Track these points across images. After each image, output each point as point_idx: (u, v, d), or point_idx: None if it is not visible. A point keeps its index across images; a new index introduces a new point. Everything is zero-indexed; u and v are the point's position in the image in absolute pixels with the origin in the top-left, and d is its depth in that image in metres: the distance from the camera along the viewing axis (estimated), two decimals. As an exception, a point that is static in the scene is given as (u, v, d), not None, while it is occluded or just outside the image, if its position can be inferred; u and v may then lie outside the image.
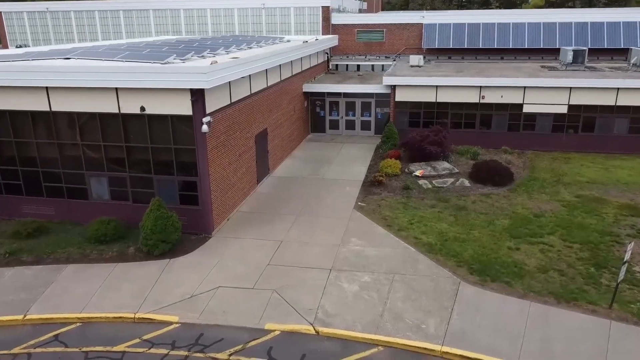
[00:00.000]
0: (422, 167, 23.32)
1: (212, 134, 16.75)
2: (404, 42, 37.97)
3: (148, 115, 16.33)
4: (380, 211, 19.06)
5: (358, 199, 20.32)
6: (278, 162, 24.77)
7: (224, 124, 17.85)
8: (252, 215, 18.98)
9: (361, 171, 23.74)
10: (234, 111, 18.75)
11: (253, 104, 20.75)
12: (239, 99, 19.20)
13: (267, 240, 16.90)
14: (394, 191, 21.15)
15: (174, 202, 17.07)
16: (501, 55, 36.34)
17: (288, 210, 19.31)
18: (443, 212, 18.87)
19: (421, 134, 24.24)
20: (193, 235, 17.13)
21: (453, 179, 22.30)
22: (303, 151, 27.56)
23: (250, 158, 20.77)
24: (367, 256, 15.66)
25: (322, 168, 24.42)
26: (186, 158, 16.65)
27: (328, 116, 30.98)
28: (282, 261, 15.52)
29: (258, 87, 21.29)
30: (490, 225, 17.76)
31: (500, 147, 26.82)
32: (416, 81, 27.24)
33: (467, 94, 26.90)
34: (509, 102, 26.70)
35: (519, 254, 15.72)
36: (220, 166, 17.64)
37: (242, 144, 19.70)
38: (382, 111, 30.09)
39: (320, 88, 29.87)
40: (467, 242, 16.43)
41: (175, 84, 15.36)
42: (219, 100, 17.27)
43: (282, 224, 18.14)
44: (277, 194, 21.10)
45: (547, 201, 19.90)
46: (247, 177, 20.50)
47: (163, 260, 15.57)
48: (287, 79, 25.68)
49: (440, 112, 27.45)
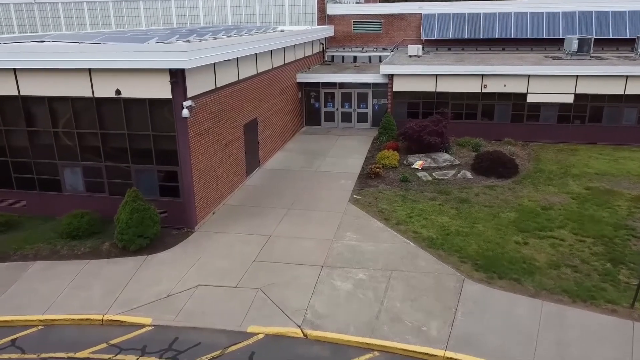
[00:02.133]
0: (422, 158, 22.05)
1: (194, 120, 15.46)
2: (402, 33, 36.72)
3: (124, 100, 15.02)
4: (377, 204, 17.78)
5: (354, 192, 19.04)
6: (269, 154, 23.48)
7: (209, 110, 16.55)
8: (240, 209, 17.69)
9: (357, 163, 22.46)
10: (220, 97, 17.45)
11: (241, 91, 19.45)
12: (226, 85, 17.90)
13: (255, 235, 15.60)
14: (391, 183, 19.87)
15: (153, 194, 15.77)
16: (502, 46, 35.08)
17: (279, 204, 18.03)
18: (444, 205, 17.60)
19: (420, 124, 22.96)
20: (174, 230, 15.83)
21: (454, 171, 21.02)
22: (296, 144, 26.27)
23: (239, 148, 19.47)
24: (363, 252, 14.37)
25: (316, 160, 23.14)
26: (166, 146, 15.34)
27: (323, 108, 29.69)
28: (270, 257, 14.23)
29: (247, 73, 19.99)
30: (495, 218, 16.49)
31: (503, 138, 25.54)
32: (415, 70, 25.96)
33: (468, 84, 25.64)
34: (512, 92, 25.43)
35: (528, 248, 14.44)
36: (204, 155, 16.34)
37: (229, 133, 18.40)
38: (379, 102, 28.81)
39: (315, 78, 28.56)
40: (471, 237, 15.15)
41: (152, 64, 14.05)
42: (202, 84, 15.96)
43: (272, 217, 16.85)
44: (267, 187, 19.81)
45: (555, 193, 18.63)
46: (235, 169, 19.20)
47: (139, 257, 14.26)
48: (279, 67, 24.38)
49: (440, 103, 26.18)
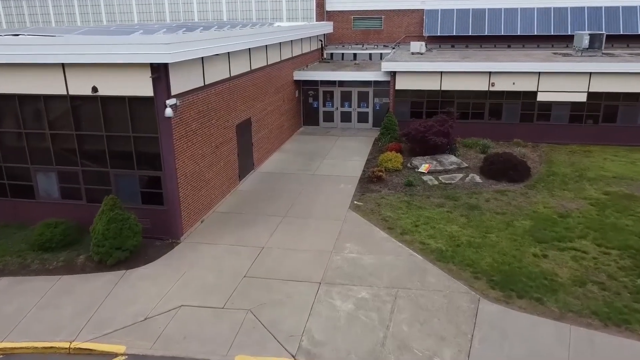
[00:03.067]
0: (427, 161, 20.66)
1: (179, 120, 14.08)
2: (403, 30, 35.36)
3: (101, 98, 13.62)
4: (379, 211, 16.41)
5: (354, 198, 17.65)
6: (265, 156, 22.09)
7: (196, 110, 15.16)
8: (231, 217, 16.30)
9: (358, 166, 21.08)
10: (209, 95, 16.06)
11: (233, 89, 18.07)
12: (216, 82, 16.51)
13: (246, 246, 14.22)
14: (395, 188, 18.49)
15: (135, 201, 14.40)
16: (508, 43, 33.72)
17: (273, 211, 16.64)
18: (453, 212, 16.22)
19: (425, 124, 21.58)
20: (158, 241, 14.45)
21: (462, 175, 19.64)
22: (294, 145, 24.89)
23: (230, 151, 18.08)
24: (365, 266, 12.99)
25: (314, 163, 21.75)
26: (148, 148, 13.95)
27: (322, 107, 28.30)
28: (262, 272, 12.85)
29: (239, 69, 18.59)
30: (509, 227, 15.12)
31: (511, 139, 24.18)
32: (419, 67, 24.58)
33: (474, 82, 24.26)
34: (521, 90, 24.06)
35: (548, 262, 13.07)
36: (191, 159, 14.95)
37: (219, 134, 17.01)
38: (380, 102, 27.43)
39: (313, 76, 27.17)
40: (484, 248, 13.78)
41: (131, 57, 12.64)
42: (188, 80, 14.58)
43: (266, 226, 15.47)
44: (261, 192, 18.43)
45: (572, 199, 17.26)
46: (227, 173, 17.81)
47: (117, 272, 12.87)
48: (275, 64, 22.99)
49: (445, 102, 24.81)
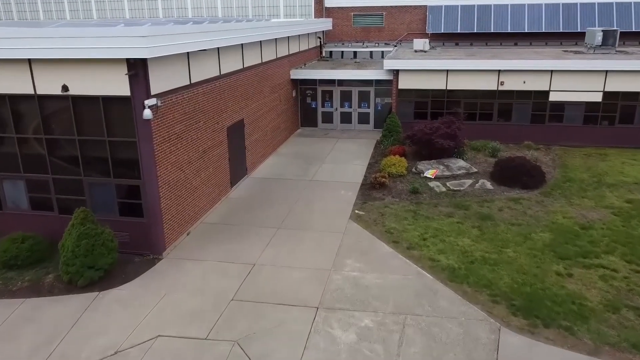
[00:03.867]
0: (433, 165, 19.22)
1: (161, 122, 12.64)
2: (405, 27, 33.89)
3: (73, 98, 12.18)
4: (383, 222, 14.97)
5: (355, 206, 16.22)
6: (259, 160, 20.65)
7: (181, 111, 13.72)
8: (221, 228, 14.85)
9: (359, 171, 19.64)
10: (196, 95, 14.62)
11: (224, 88, 16.62)
12: (204, 80, 15.07)
13: (236, 263, 12.78)
14: (399, 196, 17.06)
15: (112, 212, 12.95)
16: (515, 41, 32.28)
17: (267, 221, 15.20)
18: (464, 223, 14.79)
19: (431, 126, 20.14)
20: (138, 257, 13.01)
21: (471, 180, 18.21)
22: (291, 147, 23.45)
23: (221, 155, 16.64)
24: (368, 286, 11.55)
25: (312, 167, 20.31)
26: (125, 154, 12.50)
27: (320, 108, 26.87)
28: (252, 294, 11.40)
29: (231, 67, 17.15)
30: (526, 240, 13.68)
31: (522, 141, 22.77)
32: (423, 65, 23.15)
33: (483, 80, 22.84)
34: (532, 90, 22.63)
35: (574, 282, 11.63)
36: (174, 165, 13.51)
37: (208, 137, 15.57)
38: (382, 102, 26.01)
39: (311, 74, 25.73)
40: (501, 266, 12.34)
41: (104, 52, 11.19)
42: (171, 78, 13.15)
43: (258, 239, 14.03)
44: (255, 200, 16.98)
45: (593, 208, 15.84)
46: (216, 179, 16.37)
47: (89, 294, 11.42)
48: (270, 61, 21.56)
49: (451, 102, 23.39)
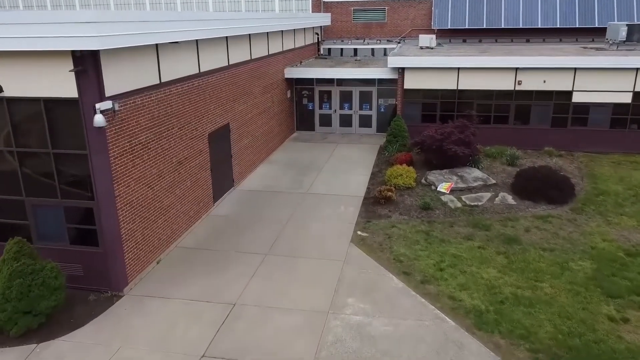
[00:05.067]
0: (445, 176, 16.90)
1: (120, 130, 10.31)
2: (409, 23, 31.65)
3: (8, 100, 9.84)
4: (390, 246, 12.66)
5: (357, 226, 13.90)
6: (248, 169, 18.33)
7: (148, 115, 11.40)
8: (198, 254, 12.53)
9: (361, 182, 17.32)
10: (169, 96, 12.30)
11: (205, 88, 14.32)
12: (178, 79, 12.75)
13: (213, 302, 10.45)
14: (408, 212, 14.74)
15: (61, 240, 10.61)
16: (527, 37, 30.03)
17: (253, 245, 12.88)
18: (486, 248, 12.47)
19: (442, 131, 17.82)
20: (93, 294, 10.68)
21: (490, 194, 15.89)
22: (284, 154, 21.13)
23: (201, 166, 14.33)
24: (375, 338, 9.22)
25: (307, 177, 17.99)
26: (75, 170, 10.17)
27: (318, 110, 24.56)
28: (228, 349, 9.06)
29: (213, 64, 14.85)
30: (564, 271, 11.37)
31: (541, 147, 20.48)
32: (431, 62, 20.83)
33: (498, 80, 20.54)
34: (553, 90, 20.33)
35: (631, 330, 9.32)
36: (139, 181, 11.18)
37: (184, 145, 13.26)
38: (386, 103, 23.70)
39: (308, 73, 23.40)
40: (539, 307, 10.02)
41: (41, 43, 8.82)
42: (135, 76, 10.83)
43: (242, 269, 11.71)
44: (241, 218, 14.66)
45: (636, 228, 13.52)
46: (195, 195, 14.05)
47: (25, 347, 9.08)
48: (261, 58, 19.24)
49: (463, 103, 21.08)
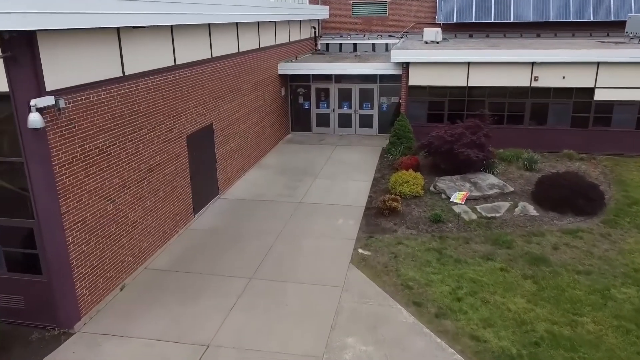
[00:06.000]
0: (457, 183, 15.01)
1: (68, 132, 8.43)
2: (412, 17, 29.79)
3: None
4: (397, 268, 10.77)
5: (358, 243, 12.01)
6: (236, 175, 16.44)
7: (107, 115, 9.51)
8: (170, 278, 10.64)
9: (362, 189, 15.43)
10: (135, 92, 10.41)
11: (182, 84, 12.43)
12: (148, 71, 10.86)
13: (182, 342, 8.55)
14: (416, 226, 12.85)
15: (-3, 267, 8.76)
16: (537, 32, 28.09)
17: (236, 267, 10.99)
18: (510, 270, 10.58)
19: (452, 132, 15.92)
20: (37, 331, 8.79)
21: (508, 204, 14.00)
22: (277, 157, 19.23)
23: (178, 173, 12.44)
24: (382, 394, 7.37)
25: (302, 184, 16.10)
26: (10, 182, 8.29)
27: (315, 109, 22.67)
28: (198, 407, 7.21)
29: (192, 55, 12.96)
30: (607, 300, 9.48)
31: (560, 149, 18.58)
32: (439, 56, 18.95)
33: (512, 75, 18.65)
34: (573, 86, 18.43)
35: (703, 383, 7.47)
36: (95, 194, 9.29)
37: (156, 150, 11.37)
38: (388, 101, 21.83)
39: (304, 69, 21.50)
40: (582, 351, 8.11)
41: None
42: (89, 67, 8.93)
43: (221, 297, 9.83)
44: (224, 232, 12.76)
45: (681, 245, 11.68)
46: (170, 206, 12.16)
47: (-63, 409, 7.26)
48: (252, 52, 17.35)
49: (473, 102, 19.19)
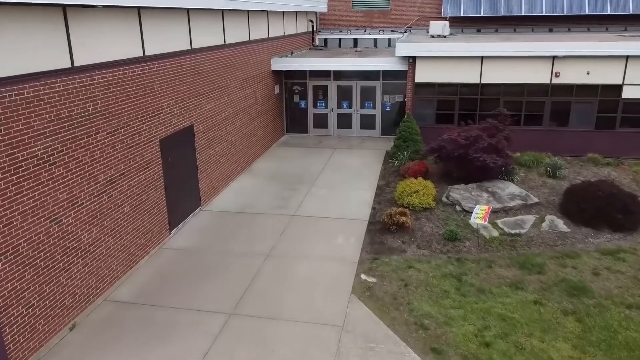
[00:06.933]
0: (473, 192, 13.09)
1: (-9, 137, 6.57)
2: (416, 11, 28.01)
3: None
4: (409, 300, 8.89)
5: (361, 266, 10.13)
6: (222, 183, 14.56)
7: (50, 115, 7.61)
8: (133, 313, 8.74)
9: (365, 200, 13.55)
10: (89, 87, 8.52)
11: (152, 78, 10.55)
12: (106, 63, 8.99)
13: (136, 405, 6.72)
14: (429, 245, 10.97)
15: None
16: (550, 26, 26.28)
17: (214, 298, 9.10)
18: (546, 304, 8.70)
19: (467, 135, 14.03)
20: (-48, 392, 6.93)
21: (534, 217, 12.11)
22: (270, 162, 17.36)
23: (149, 183, 10.55)
24: None
25: (296, 194, 14.21)
26: None
27: (312, 108, 20.80)
28: None
29: (167, 45, 11.08)
30: (671, 347, 7.64)
31: (583, 153, 16.72)
32: (449, 49, 17.08)
33: (530, 71, 16.78)
34: (599, 83, 16.58)
35: None
36: (33, 214, 7.39)
37: (119, 157, 9.49)
38: (392, 100, 19.98)
39: (299, 64, 19.60)
40: (655, 422, 6.30)
41: None
42: (21, 55, 7.06)
43: (191, 340, 7.94)
44: (203, 253, 10.87)
45: None
46: (139, 223, 10.27)
47: None
48: (239, 44, 15.48)
49: (487, 100, 17.33)
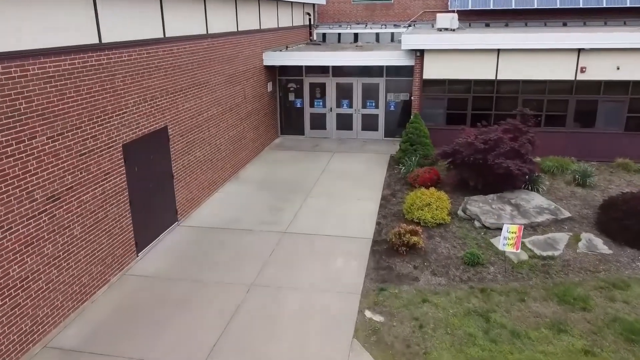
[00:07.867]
0: (494, 205, 11.27)
1: None
2: (421, 4, 26.38)
3: None
4: (425, 347, 7.06)
5: (365, 299, 8.30)
6: (204, 192, 12.74)
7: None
8: (80, 364, 6.96)
9: (367, 213, 11.71)
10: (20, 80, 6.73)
11: (113, 71, 8.73)
12: (48, 50, 7.19)
13: None
14: (445, 271, 9.15)
15: None
16: (564, 20, 24.56)
17: (180, 343, 7.26)
18: (599, 353, 6.87)
19: (485, 137, 12.20)
20: None
21: (567, 235, 10.28)
22: (260, 168, 15.53)
23: (107, 198, 8.73)
24: None
25: (289, 205, 12.37)
26: None
27: (308, 108, 18.99)
28: None
29: (133, 32, 9.27)
30: None
31: (611, 158, 14.96)
32: (461, 41, 15.27)
33: (552, 66, 15.01)
34: (630, 79, 14.81)
35: None
36: None
37: (65, 167, 7.67)
38: (397, 99, 18.18)
39: (295, 59, 17.76)
40: None
41: None
42: None
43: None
44: (174, 282, 9.03)
45: None
46: (95, 247, 8.43)
47: None
48: (226, 35, 13.65)
49: (504, 99, 15.55)
